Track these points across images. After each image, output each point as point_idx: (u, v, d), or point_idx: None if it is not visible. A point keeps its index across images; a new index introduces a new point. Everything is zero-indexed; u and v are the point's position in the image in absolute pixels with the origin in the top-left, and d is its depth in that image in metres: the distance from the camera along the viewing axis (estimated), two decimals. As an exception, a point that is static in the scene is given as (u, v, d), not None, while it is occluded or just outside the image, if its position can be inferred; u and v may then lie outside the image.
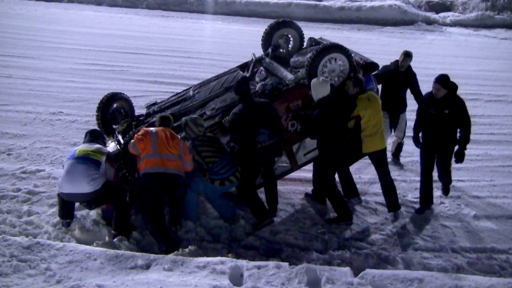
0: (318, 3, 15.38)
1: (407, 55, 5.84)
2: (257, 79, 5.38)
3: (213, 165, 4.55)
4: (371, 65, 5.25)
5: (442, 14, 15.45)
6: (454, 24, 14.51)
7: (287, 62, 5.47)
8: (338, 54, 4.83)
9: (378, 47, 11.78)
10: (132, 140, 4.45)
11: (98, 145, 4.63)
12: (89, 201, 4.47)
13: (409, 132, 6.98)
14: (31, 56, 10.17)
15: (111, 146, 5.10)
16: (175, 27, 13.53)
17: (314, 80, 4.60)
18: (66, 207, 4.64)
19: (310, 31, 7.63)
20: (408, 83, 5.91)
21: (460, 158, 4.90)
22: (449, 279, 3.83)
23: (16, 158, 6.00)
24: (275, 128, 4.67)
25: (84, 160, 4.38)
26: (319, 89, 4.55)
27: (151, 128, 4.50)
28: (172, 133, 4.56)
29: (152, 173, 4.34)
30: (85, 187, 4.32)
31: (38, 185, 5.39)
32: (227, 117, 4.68)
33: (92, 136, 4.74)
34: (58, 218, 4.73)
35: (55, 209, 4.93)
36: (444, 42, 12.95)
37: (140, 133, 4.44)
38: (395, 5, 14.85)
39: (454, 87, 4.85)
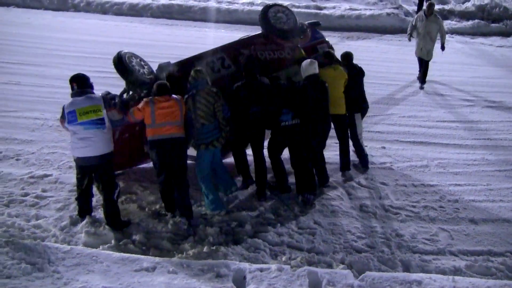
0: (318, 11, 15.49)
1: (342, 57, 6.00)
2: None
3: (202, 126, 4.83)
4: (313, 24, 6.79)
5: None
6: (451, 32, 14.58)
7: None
8: (280, 7, 6.11)
9: (377, 54, 11.92)
10: (131, 109, 4.78)
11: (91, 98, 4.65)
12: (101, 165, 4.66)
13: (409, 138, 7.16)
14: (38, 64, 10.25)
15: None
16: (179, 35, 13.64)
17: (304, 62, 5.33)
18: (84, 199, 4.89)
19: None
20: (356, 82, 5.88)
21: None
22: (447, 281, 3.93)
23: (25, 163, 6.09)
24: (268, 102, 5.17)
25: (92, 124, 4.57)
26: (308, 68, 5.27)
27: (150, 98, 4.74)
28: (171, 99, 4.75)
29: (156, 140, 4.69)
30: (101, 148, 4.60)
31: (46, 190, 5.49)
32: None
33: (80, 87, 4.72)
34: (65, 222, 4.86)
35: (62, 213, 5.05)
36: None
37: (140, 104, 4.73)
38: (393, 13, 15.03)
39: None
